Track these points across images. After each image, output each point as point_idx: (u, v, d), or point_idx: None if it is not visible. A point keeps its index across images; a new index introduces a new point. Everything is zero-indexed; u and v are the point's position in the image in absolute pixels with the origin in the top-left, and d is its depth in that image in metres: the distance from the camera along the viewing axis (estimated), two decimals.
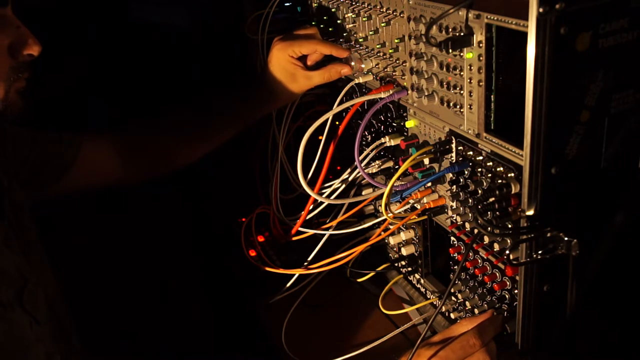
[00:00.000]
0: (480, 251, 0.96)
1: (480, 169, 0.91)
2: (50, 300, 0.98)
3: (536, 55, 0.72)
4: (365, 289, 1.32)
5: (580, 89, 0.77)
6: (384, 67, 1.11)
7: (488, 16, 0.80)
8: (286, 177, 1.30)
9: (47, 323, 0.93)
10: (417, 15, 0.96)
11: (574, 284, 0.80)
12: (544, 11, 0.69)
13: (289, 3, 1.29)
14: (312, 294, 1.28)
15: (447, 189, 1.01)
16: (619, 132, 0.83)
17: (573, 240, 0.77)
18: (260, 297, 1.32)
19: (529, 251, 0.82)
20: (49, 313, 0.95)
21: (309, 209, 1.22)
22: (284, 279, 1.26)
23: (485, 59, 0.83)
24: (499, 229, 0.83)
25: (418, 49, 0.99)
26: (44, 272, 1.02)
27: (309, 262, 1.22)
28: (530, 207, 0.81)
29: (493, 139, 0.87)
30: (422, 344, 0.90)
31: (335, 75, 1.19)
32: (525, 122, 0.76)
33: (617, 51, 0.77)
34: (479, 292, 1.01)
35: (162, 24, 1.75)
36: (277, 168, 1.29)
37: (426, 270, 1.21)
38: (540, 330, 0.90)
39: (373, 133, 1.24)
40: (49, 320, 0.94)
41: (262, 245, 1.38)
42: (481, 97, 0.87)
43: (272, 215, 1.31)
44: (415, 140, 1.07)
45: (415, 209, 1.11)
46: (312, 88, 1.23)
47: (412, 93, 1.04)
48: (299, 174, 1.07)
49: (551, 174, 0.79)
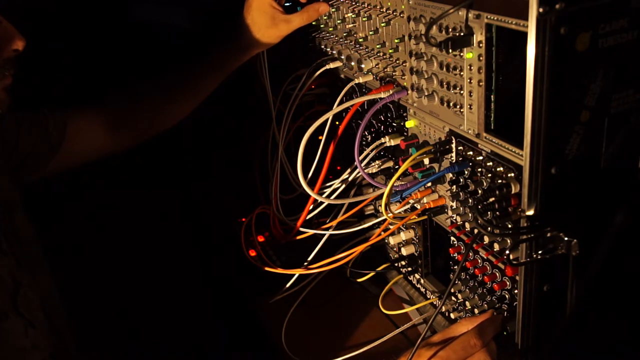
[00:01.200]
0: (480, 251, 0.96)
1: (480, 169, 0.91)
2: (45, 301, 0.97)
3: (536, 55, 0.72)
4: (365, 289, 1.32)
5: (580, 89, 0.77)
6: (384, 67, 1.10)
7: (488, 16, 0.80)
8: (286, 177, 1.30)
9: (42, 326, 0.93)
10: (417, 15, 0.96)
11: (574, 284, 0.80)
12: (544, 11, 0.69)
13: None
14: (312, 294, 1.28)
15: (447, 189, 1.01)
16: (619, 132, 0.83)
17: (573, 240, 0.77)
18: (260, 297, 1.32)
19: (529, 251, 0.82)
20: (43, 315, 0.95)
21: (309, 209, 1.22)
22: (284, 279, 1.25)
23: (485, 59, 0.83)
24: (499, 229, 0.83)
25: (418, 49, 0.99)
26: (38, 272, 1.01)
27: (309, 262, 1.22)
28: (530, 207, 0.81)
29: (493, 139, 0.87)
30: (422, 344, 0.90)
31: (314, 14, 1.18)
32: (525, 122, 0.76)
33: (617, 51, 0.77)
34: (479, 292, 1.01)
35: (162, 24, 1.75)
36: (277, 168, 1.29)
37: (426, 270, 1.21)
38: (540, 330, 0.90)
39: (373, 133, 1.24)
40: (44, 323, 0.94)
41: (262, 245, 1.38)
42: (481, 97, 0.87)
43: (272, 215, 1.31)
44: (415, 140, 1.07)
45: (415, 209, 1.11)
46: (312, 88, 1.22)
47: (412, 93, 1.04)
48: (299, 174, 1.07)
49: (551, 174, 0.79)
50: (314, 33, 1.34)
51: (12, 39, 0.89)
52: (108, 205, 1.72)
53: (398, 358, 0.92)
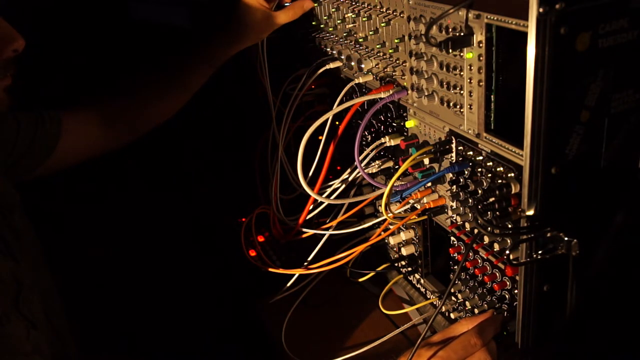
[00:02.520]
0: (480, 251, 0.96)
1: (480, 169, 0.91)
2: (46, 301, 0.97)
3: (536, 55, 0.72)
4: (365, 289, 1.32)
5: (580, 89, 0.77)
6: (384, 67, 1.10)
7: (488, 16, 0.80)
8: (286, 177, 1.30)
9: (43, 326, 0.93)
10: (417, 15, 0.96)
11: (574, 284, 0.80)
12: (544, 11, 0.69)
13: (289, 3, 1.29)
14: (312, 294, 1.28)
15: (447, 189, 1.01)
16: (619, 132, 0.83)
17: (573, 240, 0.77)
18: (260, 297, 1.32)
19: (529, 251, 0.82)
20: (44, 316, 0.95)
21: (309, 209, 1.22)
22: (284, 279, 1.26)
23: (485, 59, 0.83)
24: (499, 229, 0.83)
25: (418, 49, 0.99)
26: (39, 273, 1.01)
27: (309, 262, 1.22)
28: (530, 207, 0.81)
29: (493, 139, 0.87)
30: (422, 343, 0.90)
31: (299, 10, 1.22)
32: (525, 122, 0.76)
33: (617, 51, 0.77)
34: (479, 292, 1.01)
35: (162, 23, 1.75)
36: (277, 168, 1.28)
37: (426, 270, 1.21)
38: (540, 330, 0.90)
39: (373, 133, 1.24)
40: (45, 323, 0.94)
41: (262, 245, 1.38)
42: (481, 97, 0.87)
43: (272, 215, 1.31)
44: (415, 140, 1.07)
45: (415, 209, 1.11)
46: (312, 88, 1.22)
47: (412, 93, 1.04)
48: (299, 174, 1.07)
49: (551, 174, 0.79)
50: (314, 33, 1.34)
51: (12, 40, 0.89)
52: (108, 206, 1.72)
53: (398, 358, 0.92)
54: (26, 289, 0.91)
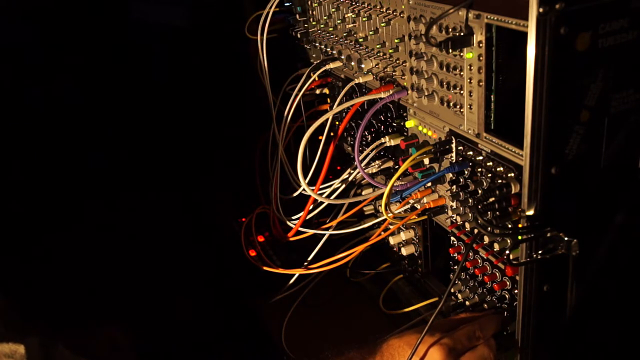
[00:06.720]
0: (480, 251, 0.96)
1: (480, 169, 0.91)
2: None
3: (536, 55, 0.72)
4: (365, 289, 1.32)
5: (580, 89, 0.77)
6: (384, 67, 1.10)
7: (488, 16, 0.80)
8: (286, 177, 1.30)
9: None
10: (417, 15, 0.96)
11: (574, 284, 0.80)
12: (544, 11, 0.69)
13: (289, 3, 1.30)
14: (312, 294, 1.28)
15: (447, 189, 1.01)
16: (619, 132, 0.83)
17: (573, 240, 0.77)
18: (260, 297, 1.32)
19: (529, 251, 0.82)
20: None
21: (309, 209, 1.22)
22: (284, 279, 1.26)
23: (485, 59, 0.83)
24: (499, 229, 0.83)
25: (418, 49, 0.99)
26: None
27: (309, 262, 1.22)
28: (530, 207, 0.81)
29: (493, 139, 0.87)
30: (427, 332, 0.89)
31: None
32: (525, 122, 0.76)
33: (617, 51, 0.77)
34: (479, 292, 1.01)
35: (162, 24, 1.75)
36: (277, 168, 1.29)
37: (426, 270, 1.21)
38: (540, 330, 0.90)
39: (373, 133, 1.24)
40: None
41: (262, 245, 1.38)
42: (481, 97, 0.87)
43: (272, 215, 1.31)
44: (415, 140, 1.07)
45: (415, 209, 1.11)
46: (312, 88, 1.22)
47: (412, 93, 1.04)
48: (299, 174, 1.07)
49: (551, 174, 0.79)
50: (314, 33, 1.34)
51: None
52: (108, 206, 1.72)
53: (400, 336, 0.92)
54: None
